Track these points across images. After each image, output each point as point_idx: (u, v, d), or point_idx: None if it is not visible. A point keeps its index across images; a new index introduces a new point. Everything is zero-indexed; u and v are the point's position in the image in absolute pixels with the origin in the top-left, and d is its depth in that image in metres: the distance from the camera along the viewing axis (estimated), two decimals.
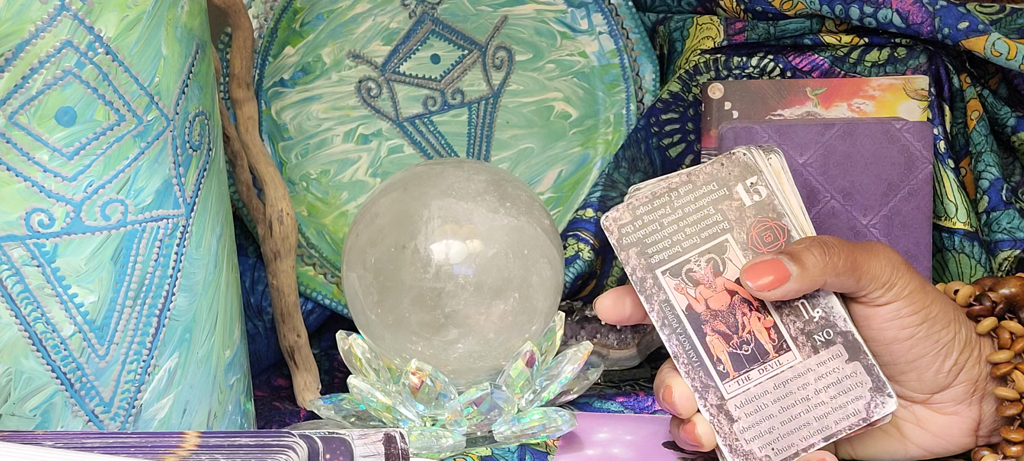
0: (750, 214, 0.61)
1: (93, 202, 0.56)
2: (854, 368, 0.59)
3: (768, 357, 0.59)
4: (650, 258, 0.60)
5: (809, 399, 0.59)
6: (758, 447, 0.58)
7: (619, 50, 0.86)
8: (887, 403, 0.58)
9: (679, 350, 0.59)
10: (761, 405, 0.59)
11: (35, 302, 0.56)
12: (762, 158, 0.61)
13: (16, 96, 0.54)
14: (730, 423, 0.59)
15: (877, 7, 0.77)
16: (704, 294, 0.60)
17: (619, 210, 0.61)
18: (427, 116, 0.86)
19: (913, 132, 0.74)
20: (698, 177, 0.61)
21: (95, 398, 0.58)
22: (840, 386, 0.59)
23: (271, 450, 0.48)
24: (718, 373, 0.59)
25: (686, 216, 0.61)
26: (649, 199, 0.61)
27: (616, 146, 0.86)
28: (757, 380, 0.59)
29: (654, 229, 0.61)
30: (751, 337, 0.59)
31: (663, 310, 0.60)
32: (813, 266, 0.57)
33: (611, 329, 0.79)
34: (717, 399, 0.59)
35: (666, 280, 0.60)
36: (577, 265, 0.81)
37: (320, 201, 0.85)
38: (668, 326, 0.60)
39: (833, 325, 0.59)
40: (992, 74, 0.81)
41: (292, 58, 0.84)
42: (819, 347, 0.59)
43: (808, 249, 0.58)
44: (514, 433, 0.66)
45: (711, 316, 0.60)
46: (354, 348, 0.69)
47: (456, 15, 0.85)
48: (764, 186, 0.61)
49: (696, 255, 0.60)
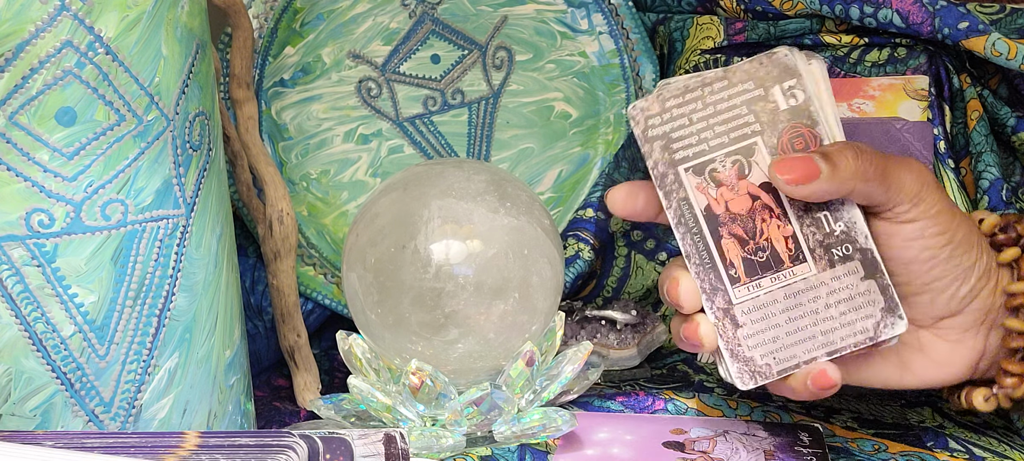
0: (784, 118, 0.59)
1: (93, 202, 0.56)
2: (868, 286, 0.57)
3: (782, 266, 0.58)
4: (674, 153, 0.59)
5: (818, 313, 0.58)
6: (759, 354, 0.57)
7: (619, 50, 0.86)
8: (896, 324, 0.57)
9: (692, 250, 0.58)
10: (769, 314, 0.58)
11: (35, 302, 0.56)
12: (803, 62, 0.59)
13: (16, 96, 0.54)
14: (735, 328, 0.58)
15: (877, 7, 0.77)
16: (725, 196, 0.58)
17: (648, 100, 0.59)
18: (427, 116, 0.86)
19: (913, 132, 0.74)
20: (735, 74, 0.59)
21: (95, 398, 0.58)
22: (851, 303, 0.57)
23: (271, 450, 0.48)
24: (729, 277, 0.58)
25: (717, 113, 0.59)
26: (681, 92, 0.59)
27: (616, 146, 0.86)
28: (768, 288, 0.58)
29: (682, 123, 0.59)
30: (768, 244, 0.58)
31: (681, 208, 0.58)
32: (845, 167, 0.56)
33: (611, 329, 0.79)
34: (724, 303, 0.58)
35: (688, 177, 0.58)
36: (577, 265, 0.81)
37: (320, 201, 0.85)
38: (684, 224, 0.58)
39: (853, 240, 0.58)
40: (992, 74, 0.81)
41: (292, 58, 0.84)
42: (836, 261, 0.58)
43: (841, 151, 0.56)
44: (514, 433, 0.66)
45: (730, 219, 0.58)
46: (354, 348, 0.69)
47: (456, 15, 0.85)
48: (802, 91, 0.59)
49: (722, 155, 0.59)
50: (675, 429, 0.68)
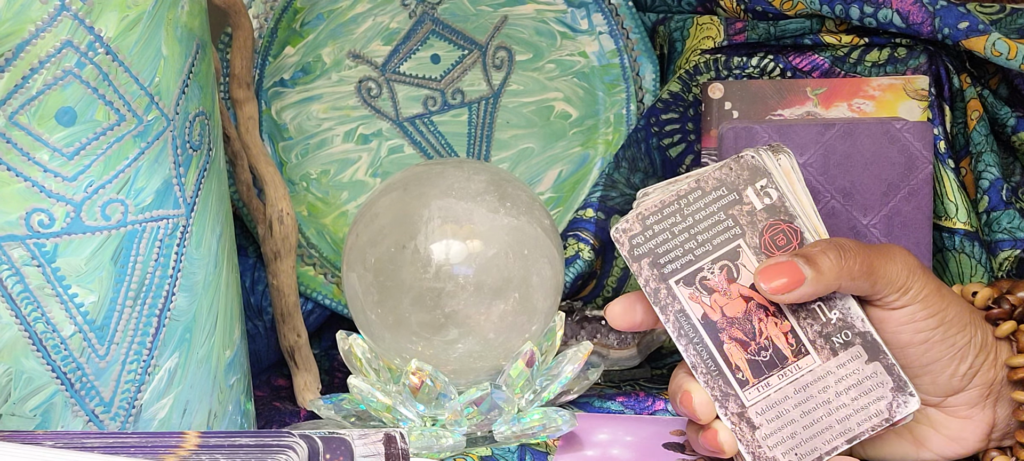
0: (762, 218, 0.60)
1: (93, 202, 0.56)
2: (874, 368, 0.58)
3: (787, 362, 0.58)
4: (663, 268, 0.60)
5: (830, 402, 0.58)
6: (781, 453, 0.58)
7: (619, 50, 0.86)
8: (909, 402, 0.58)
9: (697, 360, 0.59)
10: (783, 411, 0.58)
11: (35, 302, 0.56)
12: (771, 159, 0.60)
13: (16, 96, 0.54)
14: (752, 430, 0.58)
15: (877, 7, 0.77)
16: (719, 302, 0.59)
17: (628, 221, 0.60)
18: (427, 116, 0.86)
19: (913, 132, 0.74)
20: (707, 183, 0.60)
21: (95, 398, 0.58)
22: (861, 387, 0.58)
23: (271, 450, 0.48)
24: (737, 381, 0.58)
25: (697, 223, 0.60)
26: (658, 208, 0.60)
27: (616, 146, 0.86)
28: (777, 385, 0.58)
29: (665, 238, 0.60)
30: (769, 343, 0.59)
31: (678, 320, 0.59)
32: (828, 269, 0.57)
33: (611, 329, 0.79)
34: (738, 407, 0.58)
35: (680, 290, 0.59)
36: (577, 265, 0.81)
37: (320, 201, 0.85)
38: (685, 336, 0.59)
39: (851, 326, 0.58)
40: (992, 74, 0.81)
41: (292, 58, 0.84)
42: (838, 349, 0.58)
43: (823, 252, 0.57)
44: (514, 433, 0.66)
45: (728, 324, 0.59)
46: (354, 348, 0.69)
47: (456, 15, 0.85)
48: (775, 188, 0.60)
49: (709, 262, 0.59)
50: (675, 430, 0.68)
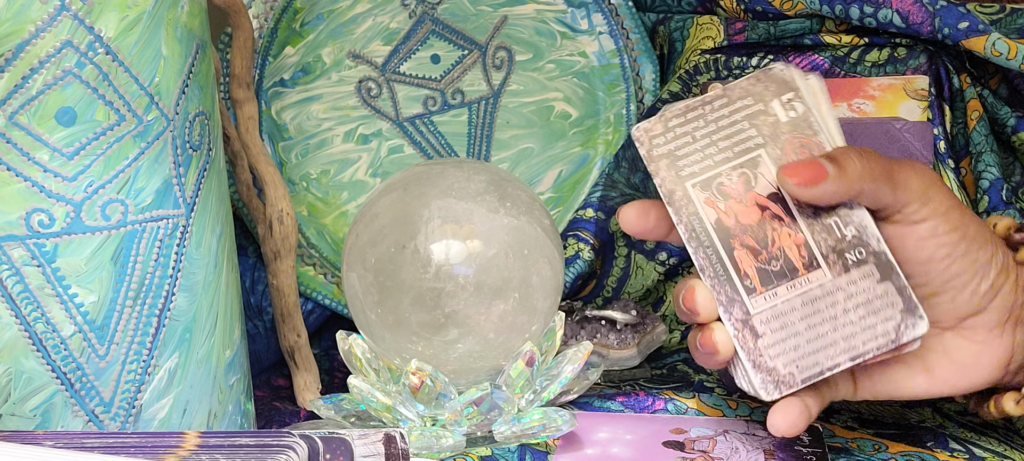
0: (785, 130, 0.59)
1: (93, 202, 0.56)
2: (885, 288, 0.57)
3: (797, 274, 0.57)
4: (680, 170, 0.59)
5: (837, 318, 0.57)
6: (782, 364, 0.57)
7: (619, 50, 0.86)
8: (918, 325, 0.57)
9: (706, 263, 0.58)
10: (788, 322, 0.57)
11: (35, 302, 0.56)
12: (800, 75, 0.60)
13: (16, 96, 0.54)
14: (755, 338, 0.57)
15: (877, 7, 0.77)
16: (734, 208, 0.58)
17: (651, 121, 0.59)
18: (427, 116, 0.86)
19: (913, 132, 0.74)
20: (734, 92, 0.60)
21: (95, 398, 0.58)
22: (870, 306, 0.57)
23: (271, 450, 0.48)
24: (745, 288, 0.58)
25: (719, 129, 0.59)
26: (682, 112, 0.59)
27: (616, 146, 0.86)
28: (785, 297, 0.57)
29: (686, 141, 0.59)
30: (780, 253, 0.58)
31: (691, 222, 0.58)
32: (851, 168, 0.56)
33: (611, 329, 0.79)
34: (742, 314, 0.57)
35: (696, 193, 0.59)
36: (577, 265, 0.81)
37: (320, 201, 0.85)
38: (695, 239, 0.58)
39: (866, 244, 0.57)
40: (992, 74, 0.81)
41: (292, 58, 0.84)
42: (850, 266, 0.57)
43: (845, 153, 0.56)
44: (514, 433, 0.66)
45: (740, 230, 0.58)
46: (354, 348, 0.69)
47: (456, 15, 0.85)
48: (801, 102, 0.59)
49: (728, 169, 0.59)
50: (675, 429, 0.68)
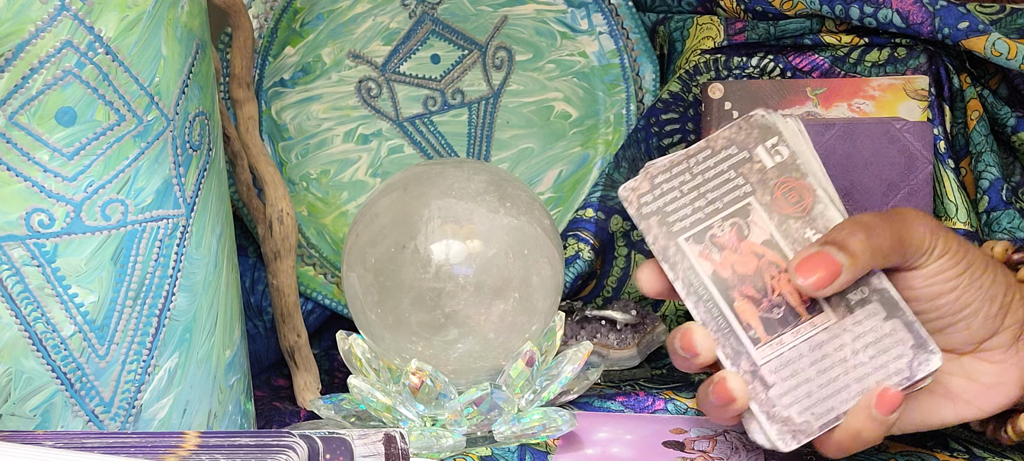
0: (772, 175, 0.59)
1: (93, 202, 0.56)
2: (893, 326, 0.56)
3: (801, 319, 0.57)
4: (671, 226, 0.58)
5: (847, 360, 0.56)
6: (796, 412, 0.56)
7: (619, 50, 0.86)
8: (931, 359, 0.56)
9: (707, 318, 0.57)
10: (797, 369, 0.56)
11: (35, 302, 0.56)
12: (781, 119, 0.59)
13: (16, 96, 0.54)
14: (766, 389, 0.56)
15: (877, 7, 0.77)
16: (730, 259, 0.58)
17: (637, 180, 0.59)
18: (427, 116, 0.86)
19: (913, 132, 0.74)
20: (717, 142, 0.59)
21: (95, 398, 0.58)
22: (880, 345, 0.56)
23: (271, 450, 0.48)
24: (750, 339, 0.57)
25: (706, 181, 0.59)
26: (667, 167, 0.59)
27: (616, 146, 0.86)
28: (791, 343, 0.56)
29: (674, 197, 0.59)
30: (781, 300, 0.57)
31: (688, 278, 0.58)
32: (862, 253, 0.55)
33: (611, 329, 0.79)
34: (750, 365, 0.56)
35: (689, 247, 0.58)
36: (577, 265, 0.81)
37: (320, 201, 0.85)
38: (694, 294, 0.57)
39: (867, 283, 0.57)
40: (992, 74, 0.81)
41: (292, 58, 0.84)
42: (854, 306, 0.57)
43: (852, 234, 0.55)
44: (514, 433, 0.66)
45: (739, 281, 0.57)
46: (354, 348, 0.69)
47: (456, 15, 0.85)
48: (785, 146, 0.59)
49: (719, 220, 0.58)
50: (675, 429, 0.68)
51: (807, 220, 0.58)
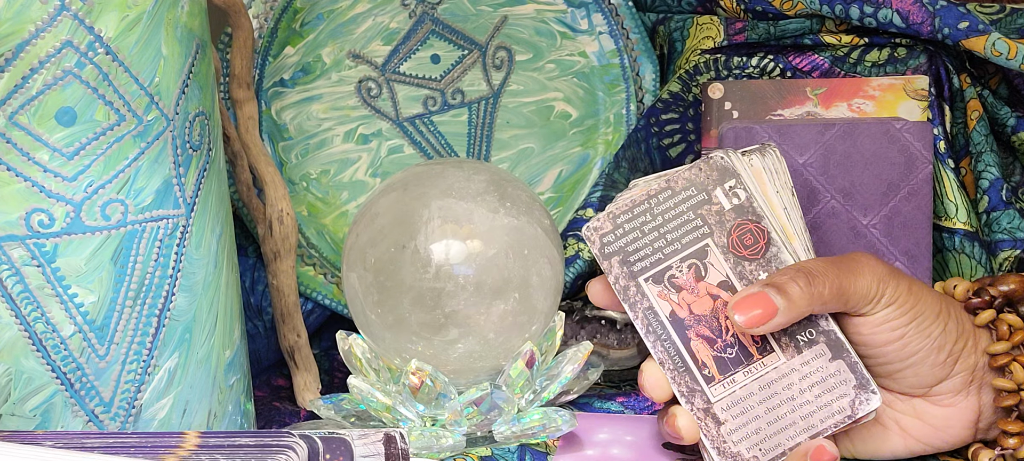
0: (730, 217, 0.61)
1: (93, 202, 0.56)
2: (838, 367, 0.59)
3: (752, 359, 0.60)
4: (632, 266, 0.61)
5: (794, 399, 0.59)
6: (746, 448, 0.59)
7: (619, 50, 0.86)
8: (871, 400, 0.59)
9: (664, 356, 0.60)
10: (747, 407, 0.59)
11: (35, 302, 0.56)
12: (740, 161, 0.62)
13: (16, 96, 0.54)
14: (717, 426, 0.59)
15: (877, 7, 0.77)
16: (687, 300, 0.60)
17: (599, 219, 0.62)
18: (427, 116, 0.86)
19: (913, 132, 0.74)
20: (677, 182, 0.62)
21: (95, 398, 0.58)
22: (824, 385, 0.59)
23: (271, 450, 0.48)
24: (704, 377, 0.60)
25: (666, 222, 0.61)
26: (629, 207, 0.61)
27: (616, 146, 0.86)
28: (743, 382, 0.60)
29: (635, 237, 0.61)
30: (735, 340, 0.60)
31: (647, 317, 0.60)
32: (798, 297, 0.58)
33: (611, 329, 0.79)
34: (703, 403, 0.60)
35: (649, 287, 0.61)
36: (577, 265, 0.81)
37: (320, 201, 0.85)
38: (652, 332, 0.60)
39: (815, 325, 0.60)
40: (992, 74, 0.81)
41: (292, 58, 0.84)
42: (802, 347, 0.60)
43: (792, 280, 0.58)
44: (514, 433, 0.66)
45: (695, 321, 0.60)
46: (354, 348, 0.69)
47: (456, 15, 0.85)
48: (743, 189, 0.61)
49: (678, 261, 0.61)
50: None
51: (761, 262, 0.61)
